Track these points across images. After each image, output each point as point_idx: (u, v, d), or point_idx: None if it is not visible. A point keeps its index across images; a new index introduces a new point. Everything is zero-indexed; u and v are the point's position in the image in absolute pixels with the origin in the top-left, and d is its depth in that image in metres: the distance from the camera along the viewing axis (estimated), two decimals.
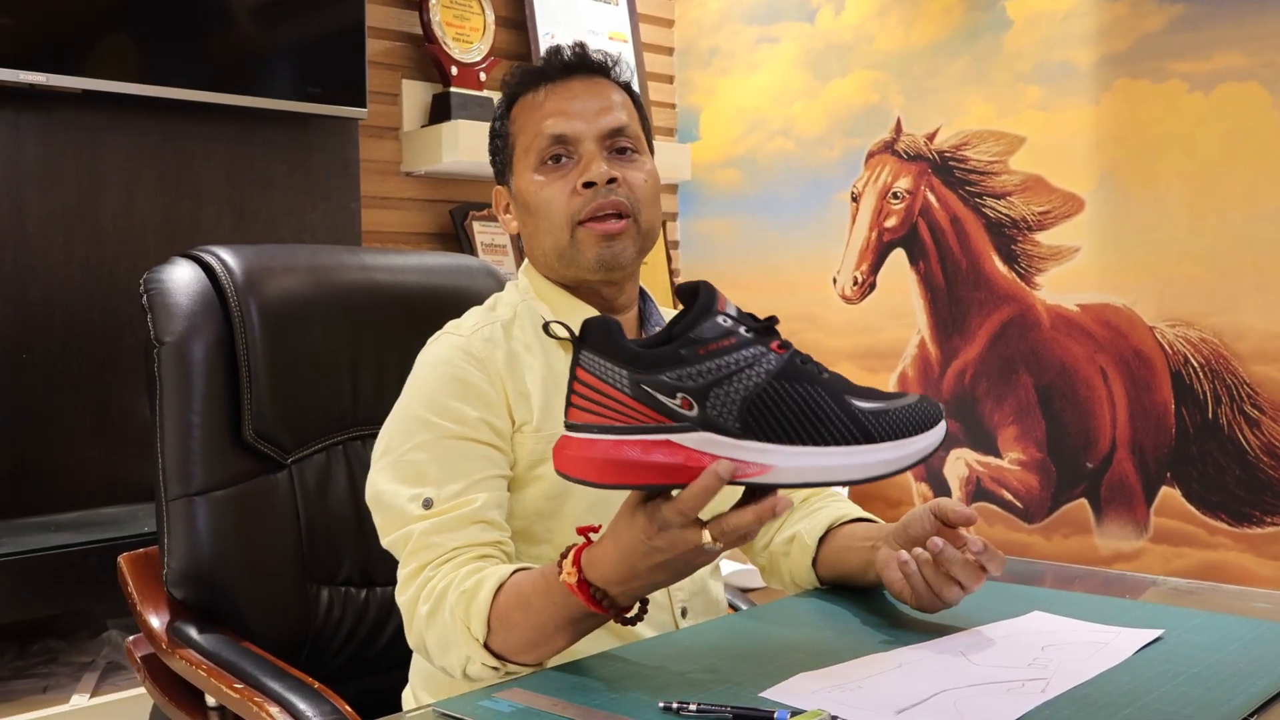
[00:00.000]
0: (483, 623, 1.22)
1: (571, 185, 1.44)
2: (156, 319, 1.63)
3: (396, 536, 1.35)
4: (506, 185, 1.54)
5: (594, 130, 1.45)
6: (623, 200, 1.44)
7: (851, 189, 3.53)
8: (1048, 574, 1.73)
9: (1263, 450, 2.80)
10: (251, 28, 2.81)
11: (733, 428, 1.05)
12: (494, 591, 1.22)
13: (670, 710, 1.02)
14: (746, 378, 1.05)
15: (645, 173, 1.48)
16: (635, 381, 1.06)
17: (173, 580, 1.62)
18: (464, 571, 1.27)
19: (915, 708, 1.02)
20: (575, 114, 1.45)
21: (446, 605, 1.25)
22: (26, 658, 2.44)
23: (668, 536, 1.09)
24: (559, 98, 1.47)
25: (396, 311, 1.81)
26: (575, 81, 1.48)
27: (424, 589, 1.29)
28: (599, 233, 1.43)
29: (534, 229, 1.49)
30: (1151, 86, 2.95)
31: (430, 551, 1.31)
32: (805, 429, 1.06)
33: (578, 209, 1.43)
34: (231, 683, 1.46)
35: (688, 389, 1.05)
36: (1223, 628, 1.27)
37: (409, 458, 1.37)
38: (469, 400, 1.40)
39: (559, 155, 1.45)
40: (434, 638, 1.27)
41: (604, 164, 1.43)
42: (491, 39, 3.36)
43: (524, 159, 1.48)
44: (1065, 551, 3.09)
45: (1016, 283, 3.18)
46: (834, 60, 3.58)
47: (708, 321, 1.07)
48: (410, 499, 1.35)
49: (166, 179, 2.73)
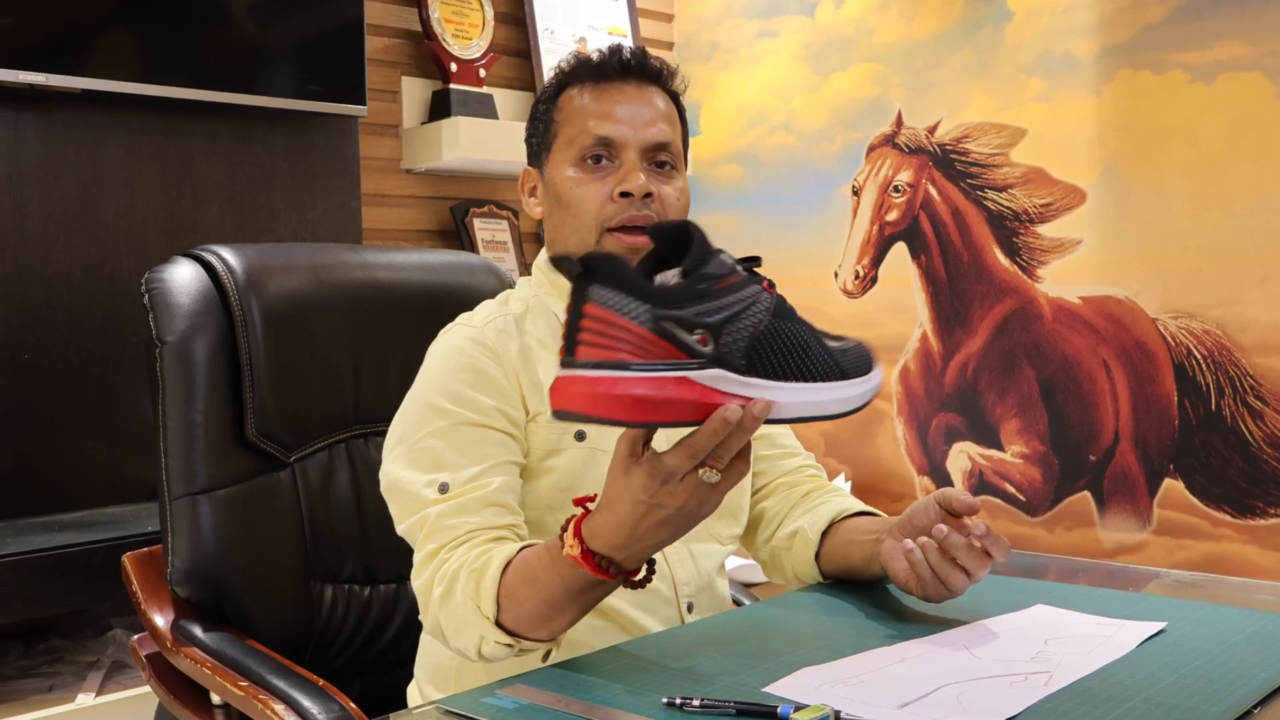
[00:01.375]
0: (492, 600, 1.21)
1: (608, 190, 1.44)
2: (158, 318, 1.64)
3: (412, 522, 1.34)
4: (539, 169, 1.53)
5: (639, 140, 1.45)
6: (653, 216, 1.44)
7: (853, 183, 3.53)
8: (1051, 567, 1.73)
9: (1266, 442, 2.79)
10: (251, 26, 2.81)
11: (740, 365, 1.05)
12: (502, 569, 1.22)
13: (674, 705, 1.02)
14: (752, 315, 1.06)
15: (678, 190, 1.48)
16: (656, 316, 1.03)
17: (177, 579, 1.62)
18: (475, 553, 1.26)
19: (918, 702, 1.02)
20: (624, 119, 1.45)
21: (458, 586, 1.24)
22: (32, 657, 2.44)
23: (669, 488, 1.07)
24: (610, 99, 1.47)
25: (398, 309, 1.81)
26: (630, 85, 1.48)
27: (438, 571, 1.28)
28: (626, 244, 1.43)
29: (561, 222, 1.48)
30: (1153, 78, 2.95)
31: (446, 534, 1.30)
32: (797, 366, 1.08)
33: (610, 215, 1.43)
34: (236, 680, 1.47)
35: (706, 325, 1.04)
36: (1226, 620, 1.27)
37: (424, 444, 1.37)
38: (483, 389, 1.40)
39: (600, 157, 1.45)
40: (448, 619, 1.26)
41: (642, 175, 1.43)
42: (490, 35, 3.36)
43: (564, 150, 1.47)
44: (1068, 544, 3.09)
45: (1018, 275, 3.18)
46: (834, 54, 3.58)
47: (714, 259, 1.07)
48: (426, 484, 1.34)
49: (167, 178, 2.73)
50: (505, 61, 3.49)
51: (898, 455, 3.45)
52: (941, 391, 3.34)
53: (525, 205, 1.56)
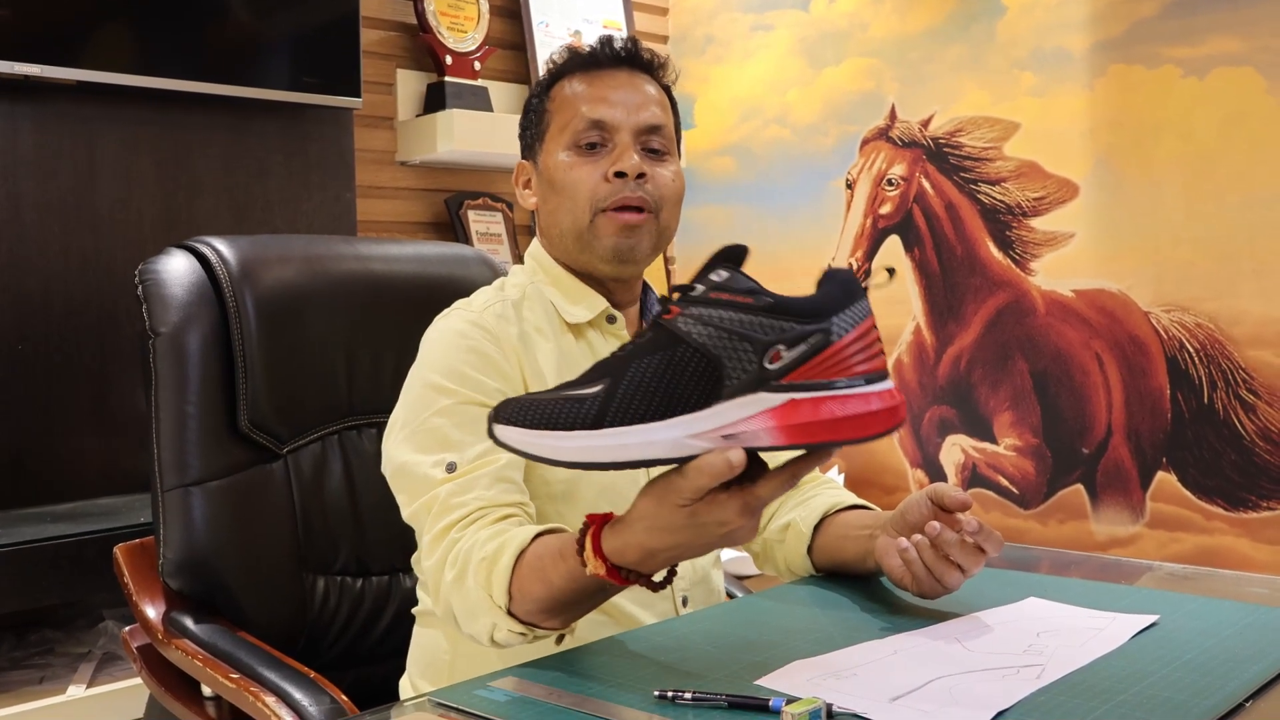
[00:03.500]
0: (504, 591, 1.19)
1: (602, 171, 1.44)
2: (152, 310, 1.63)
3: (420, 504, 1.33)
4: (533, 161, 1.53)
5: (632, 123, 1.46)
6: (647, 196, 1.44)
7: (846, 176, 3.53)
8: (1043, 560, 1.73)
9: (1258, 435, 2.80)
10: (246, 18, 2.80)
11: None
12: (514, 560, 1.20)
13: (665, 699, 1.02)
14: None
15: (672, 173, 1.49)
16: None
17: (169, 570, 1.62)
18: (485, 535, 1.25)
19: (910, 694, 1.02)
20: (616, 103, 1.46)
21: (470, 571, 1.23)
22: (23, 648, 2.44)
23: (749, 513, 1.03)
24: (603, 85, 1.48)
25: (392, 301, 1.81)
26: (622, 74, 1.49)
27: (450, 552, 1.27)
28: (620, 223, 1.43)
29: (555, 206, 1.48)
30: (1146, 72, 2.95)
31: (456, 512, 1.29)
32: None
33: (603, 196, 1.44)
34: (227, 672, 1.46)
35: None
36: (1218, 613, 1.27)
37: (429, 424, 1.36)
38: (486, 371, 1.39)
39: (594, 142, 1.45)
40: (460, 604, 1.25)
41: (636, 156, 1.44)
42: (486, 28, 3.36)
43: (557, 137, 1.48)
44: (1061, 537, 3.10)
45: (1011, 269, 3.18)
46: (829, 47, 3.58)
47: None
48: (433, 464, 1.34)
49: (162, 169, 2.73)
50: (500, 55, 3.48)
51: (891, 448, 3.45)
52: (934, 384, 3.34)
53: (519, 198, 1.56)
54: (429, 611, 1.50)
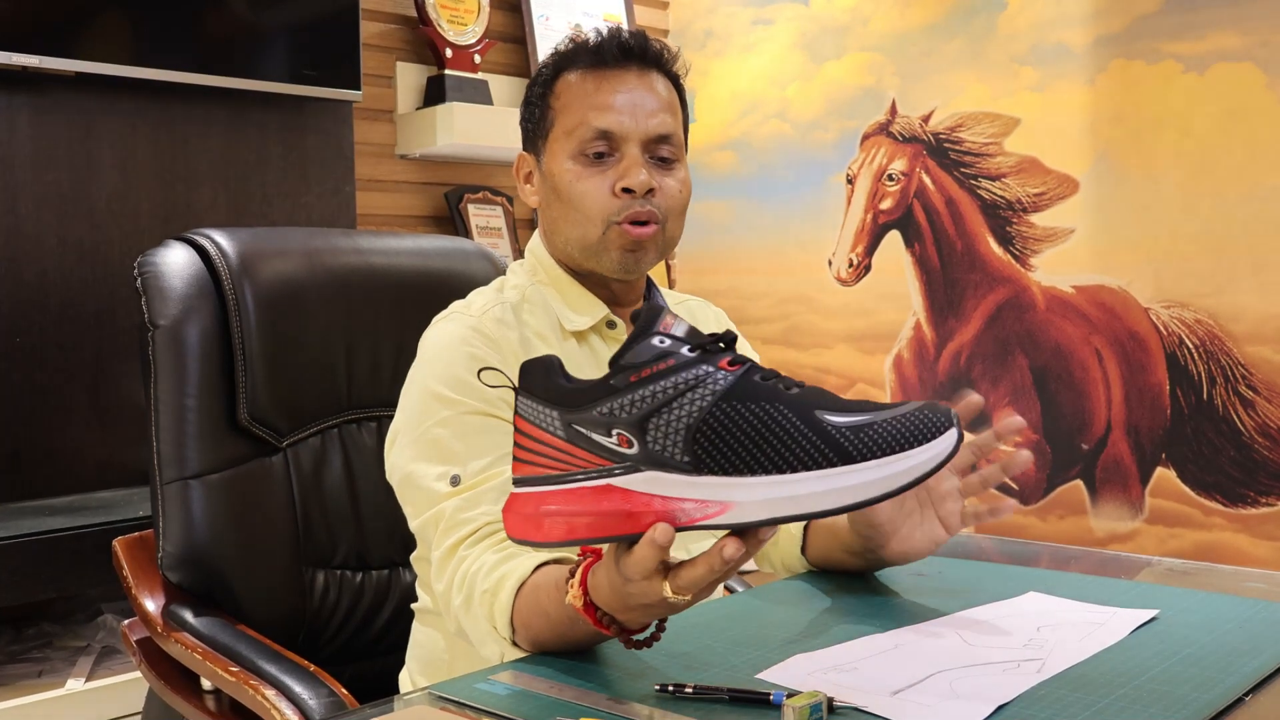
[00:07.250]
0: (506, 623, 1.19)
1: (610, 185, 1.41)
2: (151, 302, 1.63)
3: (427, 518, 1.33)
4: (535, 155, 1.50)
5: (640, 132, 1.42)
6: (655, 210, 1.42)
7: (847, 171, 3.53)
8: (1043, 555, 1.73)
9: (1257, 431, 2.80)
10: (245, 10, 2.80)
11: (682, 463, 0.91)
12: (514, 593, 1.19)
13: (666, 692, 1.02)
14: (689, 402, 0.92)
15: (679, 181, 1.46)
16: (566, 422, 0.94)
17: (168, 564, 1.62)
18: (489, 560, 1.24)
19: (911, 688, 1.02)
20: (624, 109, 1.41)
21: (475, 601, 1.23)
22: (22, 642, 2.44)
23: (634, 587, 0.99)
24: (610, 87, 1.43)
25: (391, 295, 1.80)
26: (630, 73, 1.44)
27: (455, 574, 1.27)
28: (631, 236, 1.41)
29: (561, 214, 1.45)
30: (1146, 67, 2.95)
31: (463, 529, 1.29)
32: (766, 455, 0.91)
33: (614, 211, 1.41)
34: (227, 666, 1.46)
35: (622, 422, 0.92)
36: (1218, 608, 1.27)
37: (431, 435, 1.35)
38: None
39: (601, 152, 1.42)
40: (471, 628, 1.25)
41: (644, 171, 1.41)
42: (486, 21, 3.35)
43: (562, 140, 1.44)
44: (1060, 533, 3.10)
45: (1011, 264, 3.18)
46: (829, 42, 3.57)
47: (642, 344, 0.94)
48: (438, 477, 1.33)
49: (161, 161, 2.72)
50: (500, 47, 3.48)
51: None
52: (935, 380, 3.34)
53: (521, 192, 1.54)
54: (428, 609, 1.50)
